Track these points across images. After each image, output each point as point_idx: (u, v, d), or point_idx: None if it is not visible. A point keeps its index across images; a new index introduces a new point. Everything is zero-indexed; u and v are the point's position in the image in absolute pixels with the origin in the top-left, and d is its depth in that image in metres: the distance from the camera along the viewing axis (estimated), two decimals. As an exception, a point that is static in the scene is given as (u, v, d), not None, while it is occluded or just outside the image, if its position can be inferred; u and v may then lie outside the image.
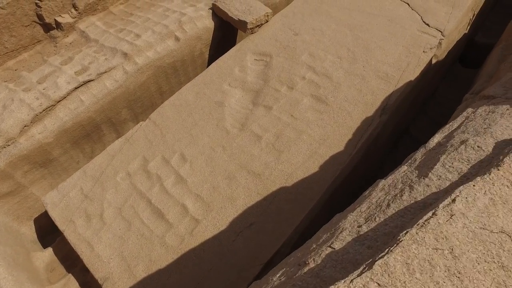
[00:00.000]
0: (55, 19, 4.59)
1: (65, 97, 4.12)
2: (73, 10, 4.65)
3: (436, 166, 1.26)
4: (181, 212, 3.47)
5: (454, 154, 1.27)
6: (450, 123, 1.75)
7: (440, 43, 4.40)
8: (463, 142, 1.33)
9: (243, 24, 4.72)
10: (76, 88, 4.18)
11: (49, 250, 3.90)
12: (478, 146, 1.26)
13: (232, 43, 5.39)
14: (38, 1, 4.21)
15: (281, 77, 4.26)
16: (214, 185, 3.56)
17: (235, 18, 4.74)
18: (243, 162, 3.65)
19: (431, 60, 4.34)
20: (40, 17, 4.41)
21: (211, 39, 5.09)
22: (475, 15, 5.25)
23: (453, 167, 1.24)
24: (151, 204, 3.56)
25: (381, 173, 4.77)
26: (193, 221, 3.40)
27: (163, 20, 4.80)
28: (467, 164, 1.20)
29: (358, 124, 3.73)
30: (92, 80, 4.26)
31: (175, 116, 4.20)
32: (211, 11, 5.08)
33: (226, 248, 3.21)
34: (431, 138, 1.73)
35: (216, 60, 4.67)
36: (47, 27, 4.64)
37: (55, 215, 3.60)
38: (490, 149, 1.23)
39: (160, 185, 3.65)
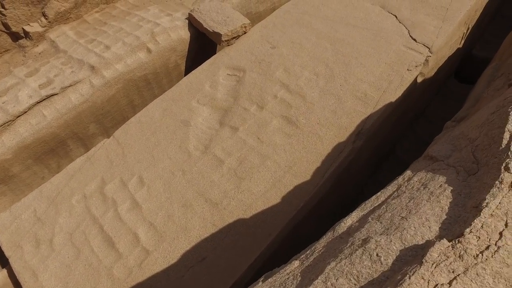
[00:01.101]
0: (23, 28, 4.39)
1: (26, 112, 3.92)
2: (42, 18, 4.45)
3: (318, 280, 0.96)
4: (132, 242, 3.22)
5: (345, 263, 0.97)
6: (382, 190, 1.44)
7: (427, 61, 4.03)
8: (364, 242, 1.03)
9: (217, 36, 4.44)
10: (38, 102, 3.97)
11: (3, 272, 3.71)
12: (377, 255, 0.95)
13: (211, 55, 5.11)
14: (2, 9, 4.01)
15: (252, 95, 3.96)
16: (170, 213, 3.31)
17: (210, 30, 4.46)
18: (201, 189, 3.38)
19: (416, 79, 3.97)
20: (5, 25, 4.23)
21: (187, 50, 4.83)
22: (470, 29, 4.83)
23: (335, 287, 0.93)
24: (103, 231, 3.33)
25: (362, 197, 4.43)
26: (144, 252, 3.15)
27: (136, 31, 4.56)
28: (354, 285, 0.90)
29: (329, 151, 3.41)
30: (55, 94, 4.05)
31: (139, 134, 3.96)
32: (187, 21, 4.81)
33: (174, 284, 2.95)
34: (347, 217, 1.42)
35: (188, 74, 4.41)
36: (15, 36, 4.46)
37: (3, 239, 3.41)
38: (390, 262, 0.92)
39: (115, 210, 3.41)
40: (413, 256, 0.93)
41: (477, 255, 0.86)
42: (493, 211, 0.96)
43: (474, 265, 0.83)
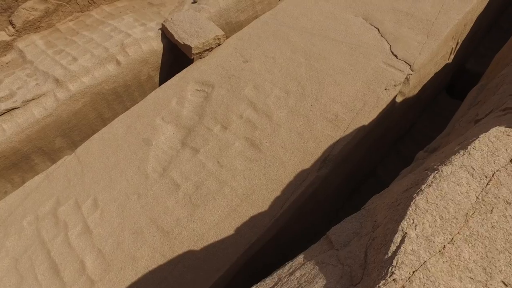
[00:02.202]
0: (-11, 39, 4.26)
1: (-15, 127, 3.77)
2: (10, 27, 4.31)
3: None
4: (78, 270, 3.04)
5: None
6: (260, 283, 1.21)
7: (407, 79, 3.74)
8: None
9: (188, 49, 4.22)
10: (-2, 116, 3.82)
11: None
12: None
13: (186, 67, 4.90)
14: (-35, 21, 3.88)
15: (217, 113, 3.74)
16: (120, 240, 3.11)
17: (181, 42, 4.25)
18: (155, 215, 3.17)
19: (395, 99, 3.68)
20: (-30, 37, 4.10)
21: (160, 62, 4.63)
22: (459, 43, 4.49)
23: None
24: (50, 257, 3.16)
25: (337, 220, 4.16)
26: (88, 282, 2.96)
27: (105, 42, 4.38)
28: None
29: (291, 178, 3.16)
30: (17, 108, 3.89)
31: (100, 152, 3.78)
32: (161, 31, 4.61)
33: (115, 321, 2.76)
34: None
35: (157, 89, 4.21)
36: (-17, 47, 4.33)
37: (-51, 262, 3.27)
38: None
39: (65, 234, 3.24)
40: None
41: None
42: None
43: None
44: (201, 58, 4.39)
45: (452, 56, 4.59)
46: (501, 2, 5.10)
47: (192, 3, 5.08)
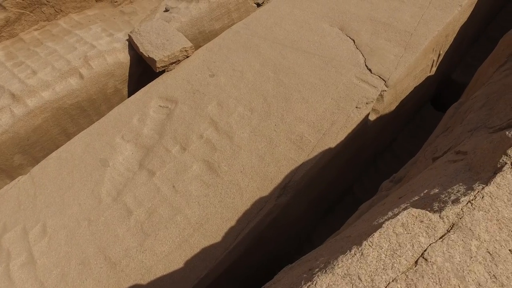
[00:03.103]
0: None
1: None
2: (-31, 40, 4.13)
3: None
4: (20, 304, 2.85)
5: None
6: None
7: (381, 96, 3.50)
8: None
9: (152, 62, 4.01)
10: (-50, 134, 3.64)
11: None
12: None
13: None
14: None
15: (177, 132, 3.53)
16: (65, 271, 2.92)
17: (146, 54, 4.04)
18: (104, 244, 2.97)
19: (367, 117, 3.44)
20: None
21: (127, 75, 4.42)
22: (442, 55, 4.23)
23: None
24: (-9, 289, 2.97)
25: (309, 245, 3.94)
26: (29, 319, 2.77)
27: (68, 54, 4.19)
28: None
29: (248, 206, 2.95)
30: (-29, 125, 3.71)
31: (56, 173, 3.59)
32: (128, 42, 4.40)
33: None
34: None
35: (120, 104, 4.01)
36: None
37: None
38: None
39: (6, 265, 3.05)
40: None
41: None
42: None
43: None
44: (167, 71, 4.18)
45: (434, 68, 4.34)
46: (489, 11, 4.83)
47: (164, 11, 4.87)
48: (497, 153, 1.31)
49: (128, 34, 4.39)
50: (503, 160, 1.26)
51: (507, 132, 1.46)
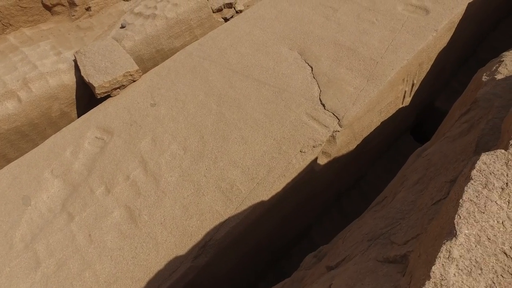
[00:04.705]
0: None
1: None
2: None
3: None
4: None
5: None
6: None
7: (333, 137, 3.10)
8: None
9: (92, 88, 3.73)
10: None
11: None
12: None
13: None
14: None
15: (105, 171, 3.24)
16: (-36, 328, 2.69)
17: (86, 79, 3.76)
18: (6, 299, 2.73)
19: (314, 163, 3.05)
20: None
21: (74, 97, 4.16)
22: (416, 84, 3.76)
23: None
24: None
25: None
26: None
27: (6, 75, 3.96)
28: None
29: (161, 266, 2.64)
30: None
31: (-22, 208, 3.37)
32: (74, 63, 4.14)
33: None
34: None
35: (57, 133, 3.76)
36: None
37: None
38: None
39: None
40: None
41: None
42: None
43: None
44: (112, 96, 3.90)
45: (408, 99, 3.88)
46: (477, 32, 4.29)
47: (121, 28, 4.58)
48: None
49: (74, 54, 4.12)
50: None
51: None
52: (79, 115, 4.39)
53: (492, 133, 1.67)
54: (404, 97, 3.79)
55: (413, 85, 3.78)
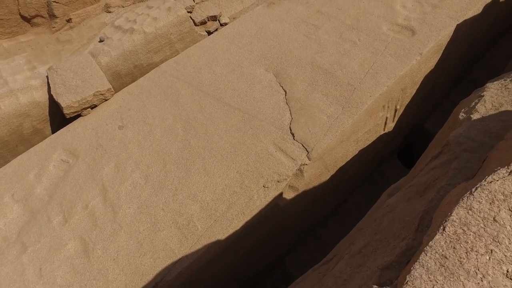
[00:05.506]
0: None
1: None
2: None
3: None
4: None
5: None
6: None
7: (301, 171, 2.93)
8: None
9: (61, 108, 3.64)
10: None
11: None
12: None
13: (80, 117, 4.33)
14: None
15: (66, 198, 3.16)
16: None
17: (55, 98, 3.68)
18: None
19: (279, 198, 2.89)
20: None
21: (48, 114, 4.09)
22: (400, 109, 3.56)
23: None
24: None
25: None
26: None
27: (-22, 93, 3.90)
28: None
29: (108, 307, 2.52)
30: None
31: None
32: (47, 79, 4.07)
33: None
34: None
35: (24, 153, 3.69)
36: None
37: None
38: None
39: None
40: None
41: None
42: None
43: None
44: (83, 115, 3.81)
45: (391, 124, 3.67)
46: (469, 52, 4.03)
47: (99, 41, 4.49)
48: None
49: (47, 70, 4.04)
50: None
51: None
52: (54, 131, 4.32)
53: (437, 207, 1.49)
54: (386, 123, 3.58)
55: (396, 110, 3.57)
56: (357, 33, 3.75)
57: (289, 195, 3.01)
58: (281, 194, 2.91)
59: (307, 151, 2.98)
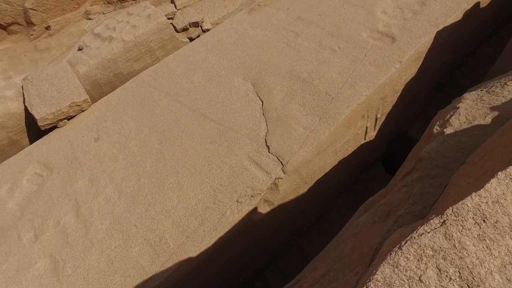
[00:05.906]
0: None
1: None
2: None
3: None
4: None
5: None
6: None
7: (276, 185, 2.87)
8: None
9: (35, 120, 3.58)
10: None
11: None
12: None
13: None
14: None
15: (37, 214, 3.10)
16: None
17: (29, 110, 3.61)
18: None
19: (253, 213, 2.84)
20: None
21: (24, 125, 4.02)
22: (381, 117, 3.51)
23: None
24: None
25: None
26: None
27: (-48, 105, 3.83)
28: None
29: (76, 329, 2.47)
30: None
31: None
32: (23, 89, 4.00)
33: None
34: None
35: (-2, 166, 3.61)
36: None
37: None
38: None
39: None
40: None
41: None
42: None
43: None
44: (59, 127, 3.74)
45: (373, 133, 3.63)
46: (452, 58, 3.98)
47: (78, 50, 4.42)
48: None
49: (22, 81, 3.98)
50: None
51: None
52: (31, 142, 4.26)
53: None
54: (366, 132, 3.54)
55: (376, 119, 3.52)
56: (336, 40, 3.70)
57: (264, 209, 2.96)
58: (255, 208, 2.86)
59: (282, 164, 2.93)
